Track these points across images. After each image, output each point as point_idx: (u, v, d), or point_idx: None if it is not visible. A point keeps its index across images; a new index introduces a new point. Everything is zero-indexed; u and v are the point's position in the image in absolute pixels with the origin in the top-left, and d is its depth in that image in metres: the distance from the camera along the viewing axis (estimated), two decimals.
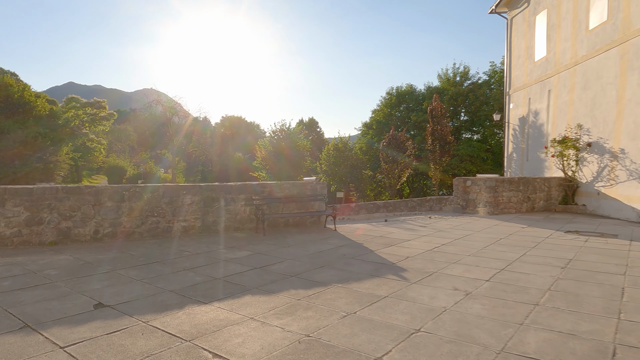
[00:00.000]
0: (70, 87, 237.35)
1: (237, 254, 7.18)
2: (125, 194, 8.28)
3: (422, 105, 40.49)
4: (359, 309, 4.36)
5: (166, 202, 8.68)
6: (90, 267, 6.12)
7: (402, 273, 5.88)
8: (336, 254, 7.17)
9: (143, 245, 7.84)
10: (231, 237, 8.87)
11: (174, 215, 8.75)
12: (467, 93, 37.61)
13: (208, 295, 4.80)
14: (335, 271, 5.98)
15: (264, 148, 29.40)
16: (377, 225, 11.10)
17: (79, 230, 7.87)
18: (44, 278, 5.49)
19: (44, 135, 32.46)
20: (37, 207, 7.54)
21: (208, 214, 9.14)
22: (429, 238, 8.87)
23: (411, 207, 16.15)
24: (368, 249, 7.62)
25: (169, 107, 41.24)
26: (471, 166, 34.06)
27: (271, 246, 7.89)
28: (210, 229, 9.19)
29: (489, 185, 13.18)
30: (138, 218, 8.37)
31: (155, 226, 8.57)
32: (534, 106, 18.80)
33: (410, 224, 11.18)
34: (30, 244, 7.51)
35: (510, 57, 21.38)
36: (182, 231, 8.85)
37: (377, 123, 43.76)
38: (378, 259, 6.78)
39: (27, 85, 36.51)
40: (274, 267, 6.20)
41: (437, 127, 26.83)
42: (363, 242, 8.33)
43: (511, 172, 21.22)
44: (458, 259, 6.83)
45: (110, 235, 8.13)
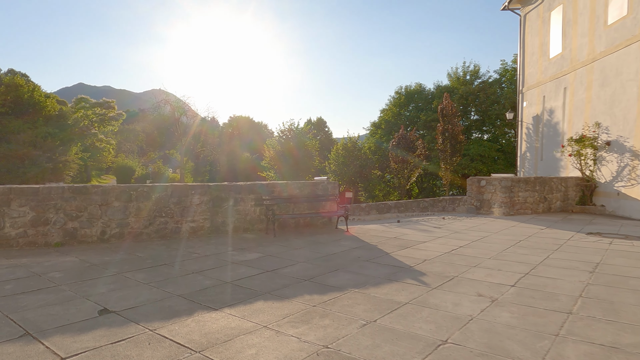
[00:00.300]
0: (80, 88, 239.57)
1: (247, 256, 6.93)
2: (133, 194, 8.07)
3: (431, 104, 40.04)
4: (379, 316, 4.08)
5: (174, 202, 8.46)
6: (96, 269, 5.91)
7: (421, 277, 5.58)
8: (350, 257, 6.89)
9: (151, 246, 7.63)
10: (241, 238, 8.63)
11: (182, 216, 8.54)
12: (478, 92, 37.09)
13: (218, 301, 4.55)
14: (350, 275, 5.70)
15: (272, 148, 29.19)
16: (390, 226, 10.80)
17: (86, 231, 7.68)
18: (48, 281, 5.28)
19: (53, 136, 32.60)
20: (43, 207, 7.36)
21: (217, 214, 8.92)
22: (445, 240, 8.55)
23: (423, 207, 15.82)
24: (383, 251, 7.33)
25: (177, 107, 41.23)
26: (482, 166, 33.56)
27: (282, 248, 7.63)
28: (219, 230, 8.96)
29: (504, 185, 12.81)
30: (146, 219, 8.17)
31: (163, 227, 8.35)
32: (549, 104, 18.36)
33: (424, 225, 10.87)
34: (36, 245, 7.33)
35: (524, 55, 20.93)
36: (191, 232, 8.63)
37: (386, 123, 43.38)
38: (394, 262, 6.49)
39: (36, 85, 36.71)
40: (286, 271, 5.94)
41: (447, 127, 26.43)
42: (377, 244, 8.04)
43: (524, 171, 20.78)
44: (478, 262, 6.51)
45: (118, 236, 7.93)
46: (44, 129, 32.04)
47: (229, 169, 55.13)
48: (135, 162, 54.03)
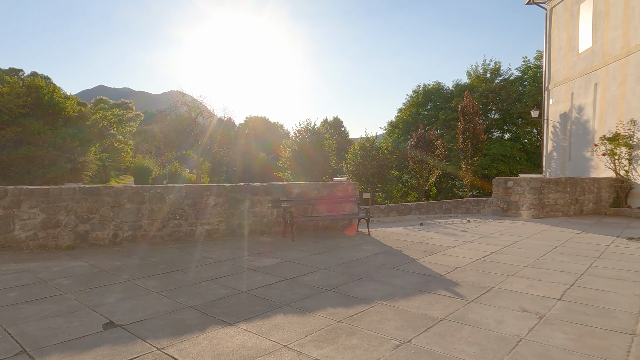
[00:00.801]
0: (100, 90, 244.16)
1: (264, 261, 6.52)
2: (146, 196, 7.76)
3: (450, 103, 39.18)
4: (414, 335, 3.61)
5: (189, 203, 8.12)
6: (106, 276, 5.58)
7: (455, 288, 5.08)
8: (374, 263, 6.42)
9: (164, 250, 7.30)
10: (257, 241, 8.24)
11: (197, 218, 8.19)
12: (499, 90, 36.10)
13: (233, 314, 4.15)
14: (376, 284, 5.24)
15: (288, 148, 28.85)
16: (413, 229, 10.27)
17: (97, 234, 7.39)
18: (54, 289, 4.96)
19: (72, 137, 32.90)
20: (54, 209, 7.09)
21: (233, 216, 8.55)
22: (474, 245, 8.00)
23: (446, 209, 15.23)
24: (409, 257, 6.84)
25: (194, 108, 41.27)
26: (503, 166, 32.61)
27: (301, 253, 7.20)
28: (235, 233, 8.59)
29: (533, 186, 12.15)
30: (159, 221, 7.85)
31: (177, 229, 8.02)
32: (578, 101, 17.53)
33: (450, 228, 10.31)
34: (46, 248, 7.07)
35: (550, 50, 20.09)
36: (206, 235, 8.27)
37: (404, 122, 42.68)
38: (423, 270, 6.00)
39: (57, 87, 37.19)
40: (306, 279, 5.51)
41: (469, 125, 25.67)
42: (402, 249, 7.55)
43: (550, 172, 19.94)
44: (515, 270, 5.97)
45: (130, 239, 7.62)
46: (63, 130, 32.37)
47: (244, 170, 55.09)
48: (152, 162, 54.46)
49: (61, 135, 31.11)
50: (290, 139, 32.30)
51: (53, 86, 37.01)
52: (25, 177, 28.45)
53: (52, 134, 30.38)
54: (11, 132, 29.74)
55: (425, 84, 43.40)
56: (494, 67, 39.11)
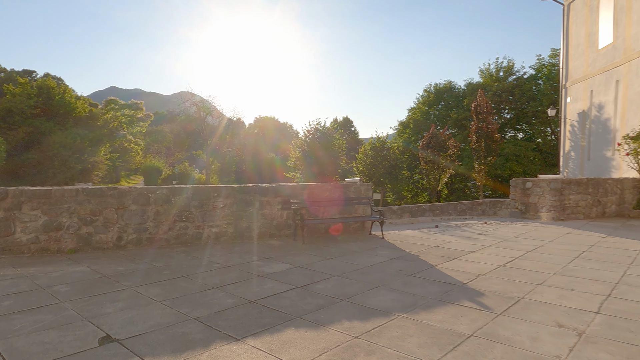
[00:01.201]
0: (112, 91, 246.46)
1: (274, 267, 6.18)
2: (151, 197, 7.47)
3: (462, 102, 38.58)
4: (440, 356, 3.23)
5: (196, 205, 7.82)
6: (107, 282, 5.28)
7: (480, 298, 4.68)
8: (390, 270, 6.04)
9: (170, 254, 7.00)
10: (266, 245, 7.90)
11: (204, 220, 7.88)
12: (512, 88, 35.43)
13: (240, 327, 3.81)
14: (394, 294, 4.86)
15: (297, 148, 28.53)
16: (429, 232, 9.86)
17: (101, 237, 7.12)
18: (51, 297, 4.67)
19: (83, 137, 32.98)
20: (56, 210, 6.83)
21: (241, 218, 8.22)
22: (495, 249, 7.58)
23: (461, 210, 14.77)
24: (427, 263, 6.44)
25: (203, 107, 41.19)
26: (517, 166, 31.95)
27: (312, 257, 6.85)
28: (244, 236, 8.27)
29: (553, 187, 11.65)
30: (165, 223, 7.55)
31: (184, 232, 7.72)
32: (598, 99, 16.93)
33: (467, 231, 9.88)
34: (48, 251, 6.81)
35: (567, 47, 19.49)
36: (213, 238, 7.96)
37: (415, 121, 42.16)
38: (443, 277, 5.60)
39: (67, 87, 37.35)
40: (319, 287, 5.15)
41: (482, 125, 25.09)
42: (418, 254, 7.15)
43: (568, 172, 19.34)
44: (543, 278, 5.55)
45: (135, 243, 7.34)
46: (74, 130, 32.47)
47: (254, 170, 54.95)
48: (162, 162, 54.60)
49: (71, 135, 31.19)
50: (300, 139, 32.00)
51: (64, 87, 37.18)
52: (36, 177, 28.56)
53: (63, 135, 30.46)
54: (22, 133, 29.89)
55: (436, 83, 42.85)
56: (507, 65, 38.41)
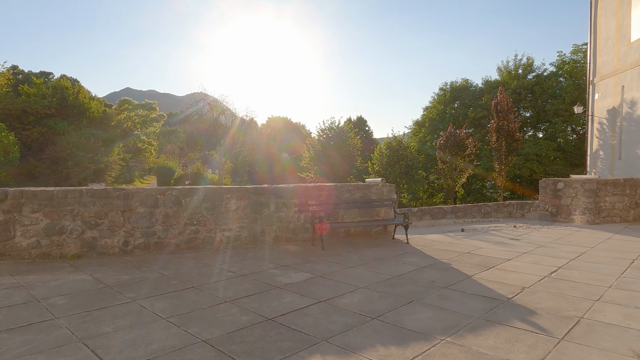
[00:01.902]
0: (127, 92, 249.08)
1: (293, 276, 5.61)
2: (160, 198, 6.97)
3: (480, 100, 37.61)
4: None
5: (207, 207, 7.29)
6: (109, 293, 4.77)
7: (533, 318, 4.04)
8: (422, 280, 5.42)
9: (179, 260, 6.48)
10: (283, 251, 7.34)
11: (216, 224, 7.35)
12: (532, 86, 34.33)
13: (257, 353, 3.24)
14: (431, 310, 4.25)
15: (311, 148, 27.95)
16: (456, 236, 9.19)
17: (106, 241, 6.64)
18: (46, 311, 4.17)
19: (96, 137, 32.93)
20: (58, 213, 6.37)
21: (256, 221, 7.68)
22: (533, 257, 6.89)
23: (485, 212, 14.03)
24: (462, 273, 5.80)
25: (216, 107, 40.93)
26: (538, 166, 30.89)
27: (333, 265, 6.26)
28: (258, 240, 7.71)
29: (588, 188, 10.86)
30: (174, 227, 7.05)
31: (194, 236, 7.20)
32: (630, 95, 16.00)
33: (497, 236, 9.19)
34: (50, 257, 6.35)
35: (595, 41, 18.54)
36: (226, 242, 7.43)
37: (430, 120, 41.29)
38: (483, 291, 4.96)
39: (82, 87, 37.40)
40: (344, 301, 4.56)
41: (503, 123, 24.18)
42: (450, 262, 6.51)
43: (596, 172, 18.39)
44: (598, 293, 4.87)
45: (142, 247, 6.84)
46: (87, 130, 32.43)
47: (267, 170, 54.58)
48: (175, 163, 54.59)
49: (85, 135, 31.15)
50: (313, 138, 31.46)
51: (78, 87, 37.25)
52: (50, 177, 28.54)
53: (76, 135, 30.42)
54: (36, 133, 29.94)
55: (452, 81, 41.90)
56: (527, 62, 37.30)
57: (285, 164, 55.86)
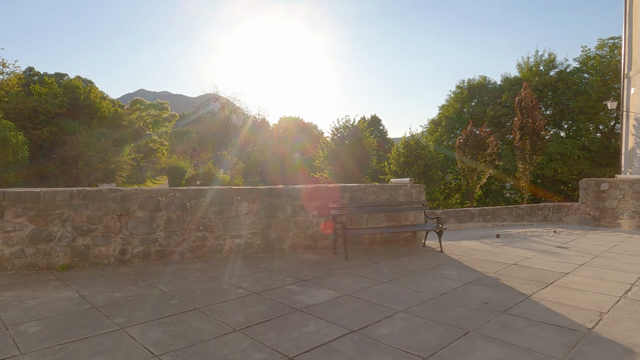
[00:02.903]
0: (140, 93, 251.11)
1: (315, 294, 4.71)
2: (161, 201, 6.13)
3: (500, 98, 36.31)
4: None
5: (215, 211, 6.44)
6: (95, 318, 3.93)
7: None
8: (471, 301, 4.47)
9: (182, 272, 5.63)
10: (301, 261, 6.44)
11: (225, 229, 6.49)
12: (555, 83, 32.92)
13: None
14: (496, 347, 3.30)
15: (325, 147, 27.03)
16: (493, 243, 8.19)
17: (100, 250, 5.82)
18: (11, 344, 3.33)
19: (107, 136, 32.50)
20: (46, 217, 5.57)
21: (270, 227, 6.80)
22: (593, 270, 5.88)
23: (517, 216, 12.96)
24: (516, 292, 4.83)
25: (227, 105, 40.31)
26: (562, 166, 29.52)
27: (361, 280, 5.34)
28: (273, 248, 6.84)
29: (638, 189, 9.76)
30: (178, 233, 6.21)
31: (201, 244, 6.35)
32: None
33: (539, 243, 8.17)
34: (36, 268, 5.56)
35: (631, 31, 17.30)
36: (236, 251, 6.56)
37: (447, 119, 40.08)
38: (552, 317, 4.00)
39: (93, 86, 37.07)
40: (382, 331, 3.64)
41: (527, 120, 22.96)
42: (497, 276, 5.54)
43: (632, 172, 17.15)
44: None
45: (142, 257, 6.01)
46: (98, 130, 32.02)
47: (278, 170, 53.85)
48: (186, 163, 54.17)
49: (95, 135, 30.72)
50: (325, 138, 30.58)
51: (90, 87, 36.93)
52: (60, 177, 28.15)
53: (87, 134, 30.01)
54: (47, 133, 29.60)
55: (470, 79, 40.63)
56: (549, 58, 35.85)
57: (296, 164, 55.10)
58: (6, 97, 29.16)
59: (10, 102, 28.93)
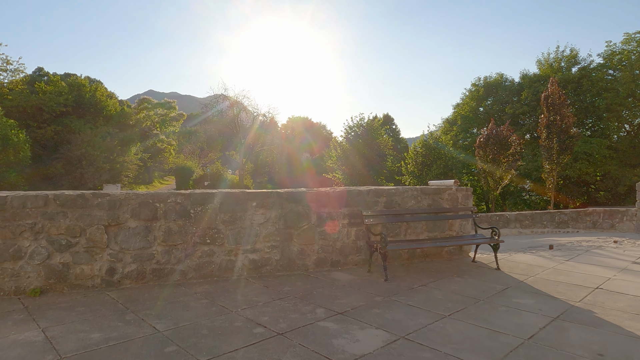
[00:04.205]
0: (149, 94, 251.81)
1: (360, 337, 3.50)
2: (159, 208, 4.97)
3: (519, 96, 34.86)
4: None
5: (225, 219, 5.27)
6: None
7: None
8: (576, 350, 3.24)
9: (184, 298, 4.46)
10: (331, 282, 5.24)
11: (237, 242, 5.32)
12: (579, 79, 31.40)
13: None
14: None
15: (339, 146, 25.80)
16: (552, 257, 6.92)
17: (83, 269, 4.67)
18: None
19: (112, 135, 31.58)
20: (13, 229, 4.44)
21: (291, 239, 5.61)
22: None
23: (560, 221, 11.63)
24: (627, 332, 3.59)
25: (236, 103, 39.30)
26: (588, 167, 28.03)
27: (415, 313, 4.12)
28: (294, 265, 5.65)
29: None
30: (180, 247, 5.04)
31: (208, 260, 5.18)
32: None
33: (606, 257, 6.89)
34: (1, 292, 4.42)
35: None
36: (250, 268, 5.39)
37: (463, 118, 38.69)
38: None
39: (100, 85, 36.22)
40: None
41: (555, 118, 21.58)
42: (589, 307, 4.29)
43: None
44: None
45: (134, 277, 4.86)
46: (104, 129, 31.13)
47: (288, 170, 52.82)
48: (194, 163, 53.28)
49: (101, 134, 29.81)
50: (335, 139, 29.41)
51: (96, 85, 36.08)
52: (63, 177, 27.27)
53: (92, 133, 29.10)
54: (51, 132, 28.74)
55: (486, 76, 39.24)
56: (570, 54, 34.34)
57: (305, 165, 54.03)
58: (10, 95, 28.37)
59: (14, 100, 28.12)
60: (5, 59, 28.90)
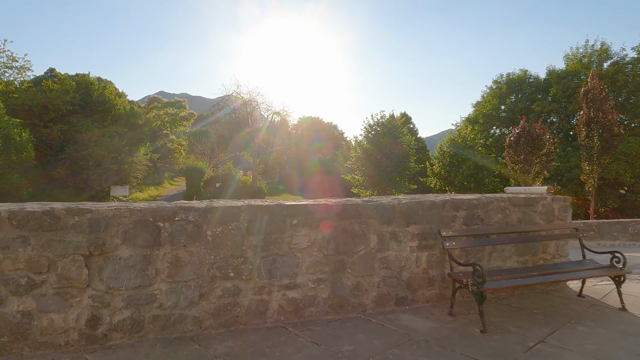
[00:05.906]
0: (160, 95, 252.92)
1: None
2: (164, 229, 3.50)
3: (546, 92, 33.07)
4: None
5: (256, 244, 3.78)
6: None
7: None
8: None
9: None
10: (402, 333, 3.72)
11: (272, 276, 3.83)
12: (613, 75, 29.50)
13: None
14: None
15: (358, 146, 24.25)
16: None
17: (52, 320, 3.22)
18: None
19: (121, 135, 30.38)
20: None
21: (344, 269, 4.11)
22: None
23: (635, 232, 9.99)
24: None
25: (247, 101, 37.98)
26: (625, 168, 26.14)
27: None
28: (348, 304, 4.14)
29: None
30: (192, 285, 3.57)
31: (231, 302, 3.70)
32: None
33: None
34: None
35: None
36: (289, 312, 3.89)
37: (484, 116, 36.96)
38: None
39: (109, 83, 35.12)
40: None
41: (597, 114, 19.82)
42: None
43: None
44: None
45: (128, 329, 3.40)
46: (112, 128, 29.95)
47: (300, 172, 51.46)
48: (205, 163, 52.06)
49: (109, 133, 28.62)
50: (352, 139, 27.88)
51: (105, 83, 34.99)
52: (69, 179, 26.12)
53: (99, 132, 27.92)
54: (57, 131, 27.63)
55: (509, 73, 37.44)
56: (601, 48, 32.43)
57: (315, 165, 52.59)
58: (15, 92, 27.34)
59: (19, 98, 27.07)
60: (11, 56, 27.91)
